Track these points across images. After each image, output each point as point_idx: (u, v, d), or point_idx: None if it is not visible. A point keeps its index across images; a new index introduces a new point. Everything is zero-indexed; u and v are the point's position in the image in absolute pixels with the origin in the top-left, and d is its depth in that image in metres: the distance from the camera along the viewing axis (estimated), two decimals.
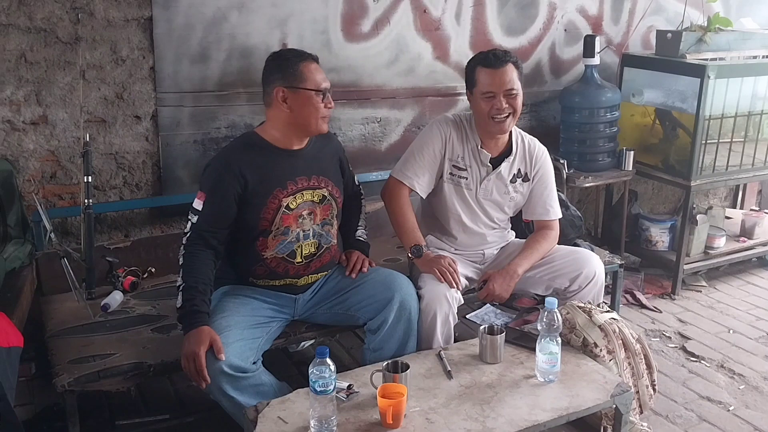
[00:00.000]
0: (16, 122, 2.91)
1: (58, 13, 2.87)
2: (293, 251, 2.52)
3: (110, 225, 3.20)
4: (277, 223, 2.47)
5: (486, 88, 2.71)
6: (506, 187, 2.89)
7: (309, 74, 2.43)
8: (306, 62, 2.45)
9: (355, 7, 3.46)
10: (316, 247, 2.57)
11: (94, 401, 2.72)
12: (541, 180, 2.94)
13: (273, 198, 2.45)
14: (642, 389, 2.61)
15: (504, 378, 2.36)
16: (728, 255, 4.26)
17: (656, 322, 3.73)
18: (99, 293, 2.79)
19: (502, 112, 2.70)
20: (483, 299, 2.87)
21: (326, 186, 2.57)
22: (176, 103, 3.17)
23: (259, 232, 2.47)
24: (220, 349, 2.21)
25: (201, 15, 3.12)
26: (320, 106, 2.45)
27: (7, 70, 2.84)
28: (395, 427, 2.07)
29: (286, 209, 2.47)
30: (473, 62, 2.79)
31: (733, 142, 4.02)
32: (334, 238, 2.65)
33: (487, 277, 2.79)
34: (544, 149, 2.97)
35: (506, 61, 2.72)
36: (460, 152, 2.83)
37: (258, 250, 2.49)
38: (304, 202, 2.51)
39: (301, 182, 2.51)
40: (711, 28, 4.01)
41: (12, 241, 2.76)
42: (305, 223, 2.52)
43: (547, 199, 2.96)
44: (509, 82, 2.70)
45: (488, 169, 2.85)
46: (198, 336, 2.22)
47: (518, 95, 2.73)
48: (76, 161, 3.02)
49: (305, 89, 2.42)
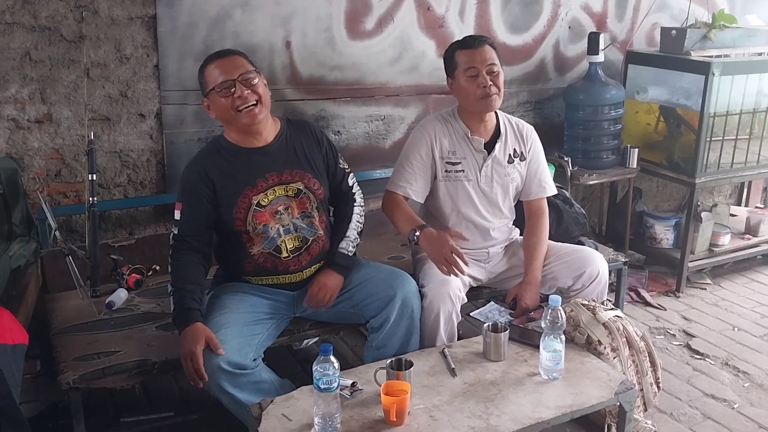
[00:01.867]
0: (21, 120, 2.92)
1: (62, 12, 2.87)
2: (278, 246, 2.53)
3: (115, 223, 3.21)
4: (251, 222, 2.48)
5: (467, 65, 2.73)
6: (505, 169, 2.89)
7: (209, 76, 2.46)
8: (208, 65, 2.47)
9: (359, 5, 3.46)
10: (300, 240, 2.56)
11: (99, 398, 2.72)
12: (534, 157, 2.96)
13: (243, 197, 2.47)
14: (646, 387, 2.61)
15: (508, 375, 2.36)
16: (733, 252, 4.25)
17: (660, 319, 3.72)
18: (103, 291, 2.80)
19: (488, 88, 2.71)
20: (520, 316, 2.89)
21: (301, 179, 2.56)
22: (180, 101, 3.17)
23: (239, 232, 2.50)
24: (217, 345, 2.23)
25: (204, 13, 3.12)
26: (225, 102, 2.43)
27: (12, 68, 2.85)
28: (399, 424, 2.07)
29: (257, 207, 2.49)
30: (451, 49, 2.84)
31: (738, 140, 4.00)
32: (320, 230, 2.61)
33: (513, 296, 2.81)
34: (531, 127, 2.99)
35: (483, 41, 2.78)
36: (450, 147, 2.83)
37: (245, 247, 2.52)
38: (276, 198, 2.51)
39: (272, 178, 2.51)
40: (716, 25, 3.99)
41: (17, 239, 2.76)
42: (283, 219, 2.53)
43: (542, 176, 2.97)
44: (489, 59, 2.74)
45: (484, 155, 2.85)
46: (193, 334, 2.25)
47: (500, 73, 2.76)
48: (80, 159, 3.03)
49: (211, 91, 2.45)
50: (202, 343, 2.22)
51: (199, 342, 2.22)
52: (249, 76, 2.45)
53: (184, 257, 2.44)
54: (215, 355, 2.21)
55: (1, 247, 2.67)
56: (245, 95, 2.42)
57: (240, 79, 2.43)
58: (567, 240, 3.12)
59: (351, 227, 2.67)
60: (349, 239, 2.64)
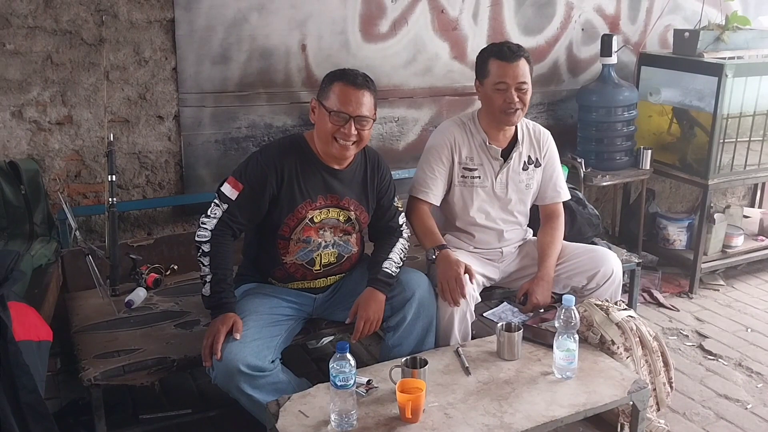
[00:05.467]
0: (42, 122, 2.97)
1: (83, 16, 2.93)
2: (312, 259, 2.55)
3: (133, 223, 3.26)
4: (297, 232, 2.50)
5: (498, 79, 2.73)
6: (519, 176, 2.91)
7: (334, 94, 2.42)
8: (341, 83, 2.42)
9: (373, 8, 3.49)
10: (336, 257, 2.60)
11: (118, 396, 2.77)
12: (549, 162, 2.97)
13: (300, 207, 2.48)
14: (659, 387, 2.62)
15: (521, 374, 2.38)
16: (746, 254, 4.25)
17: (673, 320, 3.73)
18: (123, 290, 2.84)
19: (513, 105, 2.72)
20: (530, 312, 2.90)
21: (355, 210, 2.59)
22: (198, 104, 3.22)
23: (280, 236, 2.51)
24: (239, 329, 2.28)
25: (222, 16, 3.17)
26: (331, 127, 2.41)
27: (34, 71, 2.91)
28: (414, 421, 2.10)
29: (309, 222, 2.51)
30: (486, 53, 2.80)
31: (751, 141, 4.00)
32: (355, 246, 2.65)
33: (525, 291, 2.81)
34: (547, 132, 3.00)
35: (520, 55, 2.74)
36: (468, 153, 2.86)
37: (279, 253, 2.53)
38: (328, 218, 2.54)
39: (332, 199, 2.53)
40: (729, 26, 3.99)
41: (38, 238, 2.82)
42: (326, 235, 2.56)
43: (557, 181, 3.00)
44: (522, 76, 2.73)
45: (500, 162, 2.87)
46: (223, 318, 2.31)
47: (528, 90, 2.76)
48: (100, 160, 3.08)
49: (324, 107, 2.44)
50: (228, 324, 2.29)
51: (226, 325, 2.29)
52: (364, 121, 2.44)
53: (225, 242, 2.43)
54: (235, 359, 2.23)
55: (24, 246, 2.73)
56: (351, 133, 2.42)
57: (356, 118, 2.42)
58: (580, 241, 3.13)
59: (395, 251, 2.65)
60: (392, 260, 2.61)
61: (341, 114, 2.40)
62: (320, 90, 2.49)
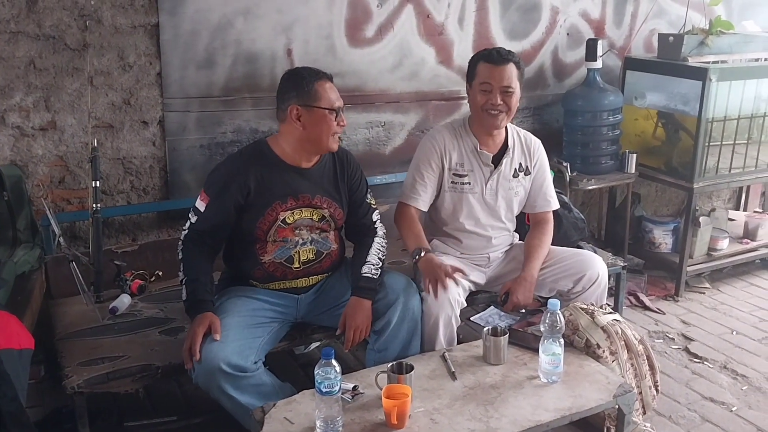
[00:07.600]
0: (26, 128, 2.95)
1: (66, 21, 2.91)
2: (291, 256, 2.57)
3: (118, 229, 3.24)
4: (272, 234, 2.53)
5: (483, 79, 2.76)
6: (509, 183, 2.92)
7: (323, 93, 2.48)
8: (321, 81, 2.50)
9: (359, 13, 3.50)
10: (315, 253, 2.61)
11: (103, 403, 2.75)
12: (539, 171, 2.98)
13: (271, 210, 2.51)
14: (645, 390, 2.63)
15: (507, 379, 2.38)
16: (731, 257, 4.27)
17: (659, 323, 3.75)
18: (107, 296, 2.83)
19: (496, 107, 2.74)
20: (511, 311, 2.90)
21: (328, 207, 2.61)
22: (183, 109, 3.21)
23: (256, 239, 2.53)
24: (217, 329, 2.28)
25: (207, 21, 3.16)
26: (333, 124, 2.50)
27: (17, 76, 2.88)
28: (400, 427, 2.09)
29: (282, 223, 2.53)
30: (476, 57, 2.84)
31: (736, 144, 4.03)
32: (334, 243, 2.67)
33: (507, 289, 2.82)
34: (538, 141, 3.02)
35: (508, 60, 2.76)
36: (458, 158, 2.86)
37: (257, 253, 2.55)
38: (302, 219, 2.56)
39: (303, 199, 2.55)
40: (713, 31, 4.02)
41: (22, 245, 2.79)
42: (303, 234, 2.58)
43: (547, 190, 3.01)
44: (507, 79, 2.74)
45: (491, 168, 2.88)
46: (201, 319, 2.33)
47: (514, 94, 2.77)
48: (84, 166, 3.05)
49: (319, 108, 2.47)
50: (206, 325, 2.30)
51: (203, 325, 2.29)
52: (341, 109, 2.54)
53: (196, 249, 2.49)
54: (216, 357, 2.23)
55: (6, 253, 2.71)
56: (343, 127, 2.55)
57: (342, 109, 2.53)
58: (566, 245, 3.14)
59: (372, 253, 2.66)
60: (370, 264, 2.62)
61: (333, 110, 2.49)
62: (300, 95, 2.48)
